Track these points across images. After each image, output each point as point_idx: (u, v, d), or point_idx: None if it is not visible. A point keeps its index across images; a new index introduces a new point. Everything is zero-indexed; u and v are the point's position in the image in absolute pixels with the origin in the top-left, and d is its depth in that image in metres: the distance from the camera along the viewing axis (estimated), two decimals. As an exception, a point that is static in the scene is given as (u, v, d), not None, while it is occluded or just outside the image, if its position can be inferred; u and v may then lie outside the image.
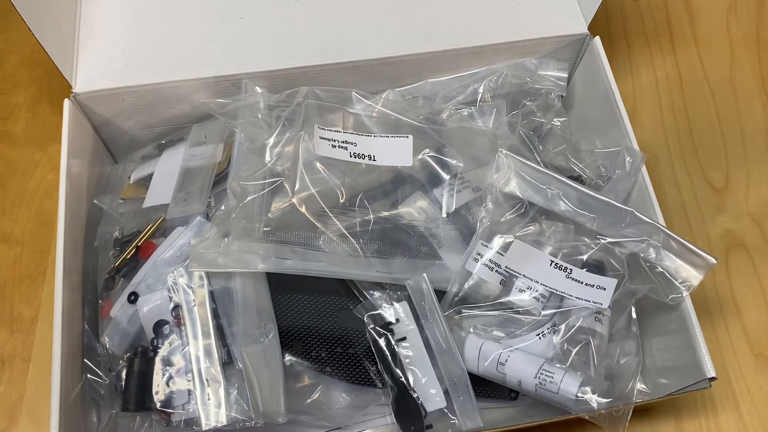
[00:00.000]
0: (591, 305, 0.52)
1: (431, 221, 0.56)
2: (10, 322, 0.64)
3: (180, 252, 0.55)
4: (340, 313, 0.55)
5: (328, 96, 0.60)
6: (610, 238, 0.53)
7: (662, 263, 0.53)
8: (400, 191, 0.58)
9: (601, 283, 0.53)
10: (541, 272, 0.53)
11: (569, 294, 0.53)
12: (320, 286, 0.54)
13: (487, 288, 0.54)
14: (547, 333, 0.52)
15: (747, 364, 0.62)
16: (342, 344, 0.54)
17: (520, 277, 0.53)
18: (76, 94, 0.60)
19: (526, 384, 0.51)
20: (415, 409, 0.52)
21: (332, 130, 0.57)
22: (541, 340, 0.52)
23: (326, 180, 0.55)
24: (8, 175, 0.71)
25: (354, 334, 0.54)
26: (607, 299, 0.52)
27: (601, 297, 0.52)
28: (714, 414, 0.60)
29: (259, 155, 0.56)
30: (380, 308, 0.53)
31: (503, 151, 0.55)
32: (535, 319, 0.53)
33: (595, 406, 0.50)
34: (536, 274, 0.53)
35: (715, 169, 0.72)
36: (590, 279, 0.53)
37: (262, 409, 0.49)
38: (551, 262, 0.53)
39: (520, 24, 0.64)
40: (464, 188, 0.58)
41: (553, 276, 0.53)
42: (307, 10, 0.65)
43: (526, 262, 0.53)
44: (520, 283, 0.53)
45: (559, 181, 0.54)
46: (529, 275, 0.53)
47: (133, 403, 0.50)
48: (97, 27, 0.64)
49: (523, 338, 0.52)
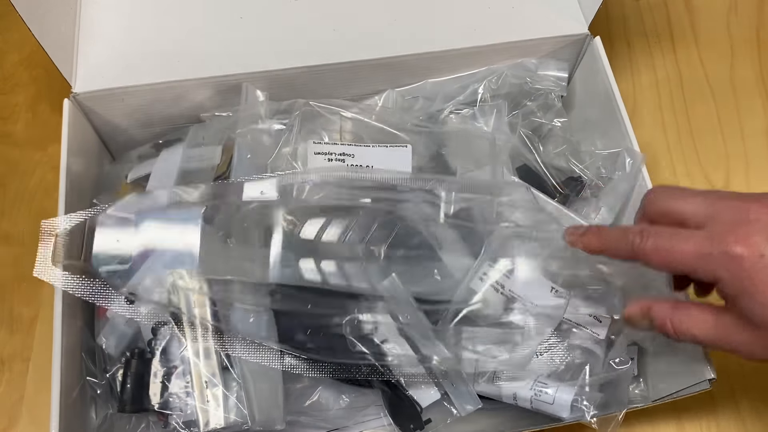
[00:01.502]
0: (588, 333, 0.53)
1: (431, 223, 0.56)
2: (10, 322, 0.64)
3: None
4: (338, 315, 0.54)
5: (324, 110, 0.59)
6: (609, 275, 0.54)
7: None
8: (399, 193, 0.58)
9: (598, 313, 0.53)
10: (541, 298, 0.53)
11: (567, 319, 0.54)
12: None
13: (491, 308, 0.54)
14: (544, 352, 0.53)
15: (747, 364, 0.62)
16: (340, 347, 0.54)
17: (520, 300, 0.54)
18: (75, 94, 0.60)
19: (522, 397, 0.52)
20: (411, 408, 0.52)
21: (328, 143, 0.57)
22: (538, 359, 0.53)
23: (323, 186, 0.55)
24: (8, 175, 0.71)
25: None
26: (603, 331, 0.53)
27: (598, 329, 0.53)
28: (714, 415, 0.60)
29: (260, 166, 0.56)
30: (357, 314, 0.53)
31: (513, 177, 0.56)
32: (533, 339, 0.53)
33: (588, 416, 0.50)
34: (536, 299, 0.53)
35: (715, 169, 0.72)
36: (588, 309, 0.53)
37: (258, 417, 0.49)
38: (552, 288, 0.54)
39: (520, 24, 0.64)
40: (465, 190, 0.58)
41: (552, 303, 0.53)
42: (307, 10, 0.65)
43: (528, 287, 0.54)
44: (520, 305, 0.54)
45: (565, 215, 0.56)
46: (530, 299, 0.53)
47: (130, 404, 0.50)
48: (97, 27, 0.63)
49: (520, 356, 0.52)
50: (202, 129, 0.62)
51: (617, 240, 0.43)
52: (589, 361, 0.52)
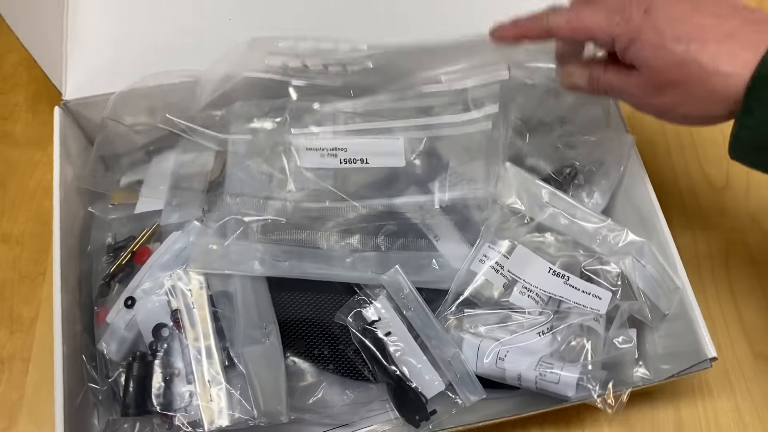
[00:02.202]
0: (588, 311, 0.53)
1: (427, 214, 0.56)
2: (10, 322, 0.64)
3: (177, 256, 0.55)
4: (341, 310, 0.54)
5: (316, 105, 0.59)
6: (604, 254, 0.55)
7: (645, 284, 0.55)
8: (394, 186, 0.58)
9: (597, 292, 0.54)
10: (540, 278, 0.54)
11: (567, 299, 0.54)
12: (321, 283, 0.54)
13: (492, 290, 0.55)
14: (546, 332, 0.53)
15: (747, 364, 0.62)
16: (344, 342, 0.54)
17: (520, 281, 0.54)
18: (66, 101, 0.60)
19: (526, 377, 0.52)
20: (416, 399, 0.52)
21: (320, 138, 0.57)
22: (541, 338, 0.53)
23: (317, 181, 0.55)
24: (8, 175, 0.70)
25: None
26: (604, 307, 0.54)
27: (598, 305, 0.54)
28: (714, 415, 0.60)
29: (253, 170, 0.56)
30: (360, 307, 0.53)
31: (509, 164, 0.57)
32: (534, 319, 0.53)
33: (594, 394, 0.50)
34: (535, 279, 0.54)
35: (715, 169, 0.71)
36: (587, 287, 0.54)
37: (264, 408, 0.49)
38: (549, 269, 0.54)
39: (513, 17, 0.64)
40: (458, 181, 0.58)
41: (551, 282, 0.54)
42: (296, 11, 0.65)
43: (527, 268, 0.55)
44: (520, 286, 0.54)
45: (561, 200, 0.56)
46: (528, 280, 0.54)
47: (134, 408, 0.50)
48: (85, 34, 0.63)
49: (523, 337, 0.53)
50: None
51: (532, 22, 0.49)
52: (590, 338, 0.52)
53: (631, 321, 0.56)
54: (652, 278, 0.55)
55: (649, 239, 0.56)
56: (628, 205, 0.60)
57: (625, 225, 0.57)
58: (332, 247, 0.54)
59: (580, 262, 0.55)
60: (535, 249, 0.55)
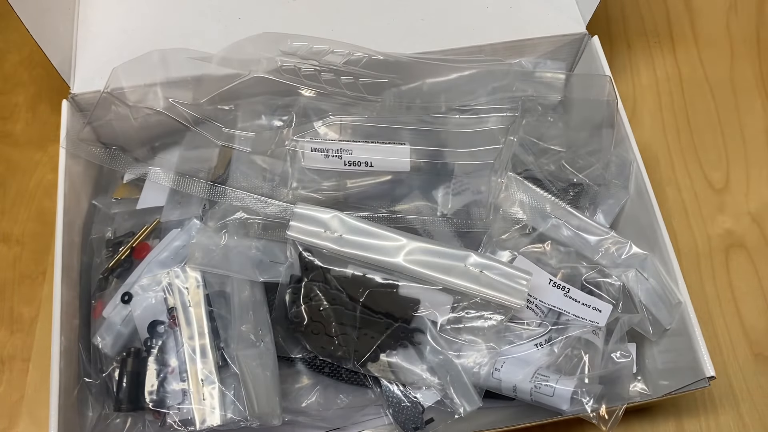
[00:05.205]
0: (587, 323, 0.53)
1: (428, 221, 0.56)
2: (10, 322, 0.64)
3: (175, 254, 0.55)
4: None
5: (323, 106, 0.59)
6: (607, 266, 0.55)
7: (647, 297, 0.54)
8: (397, 191, 0.58)
9: (597, 304, 0.54)
10: (540, 289, 0.54)
11: (566, 311, 0.54)
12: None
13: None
14: (544, 343, 0.53)
15: (747, 364, 0.62)
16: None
17: None
18: (74, 95, 0.60)
19: (522, 388, 0.51)
20: (413, 407, 0.52)
21: (325, 139, 0.57)
22: (538, 350, 0.53)
23: (320, 181, 0.55)
24: (8, 175, 0.71)
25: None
26: (604, 320, 0.53)
27: (598, 317, 0.53)
28: (714, 414, 0.60)
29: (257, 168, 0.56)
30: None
31: (512, 174, 0.56)
32: (533, 330, 0.53)
33: (588, 408, 0.50)
34: (535, 290, 0.54)
35: (715, 169, 0.71)
36: (587, 300, 0.54)
37: (257, 410, 0.49)
38: (550, 280, 0.54)
39: (518, 23, 0.64)
40: (463, 190, 0.58)
41: (551, 294, 0.54)
42: (305, 10, 0.65)
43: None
44: None
45: (563, 210, 0.56)
46: (529, 291, 0.53)
47: (126, 403, 0.50)
48: (95, 28, 0.64)
49: (520, 347, 0.53)
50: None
51: None
52: (588, 352, 0.52)
53: (631, 335, 0.55)
54: (654, 292, 0.55)
55: (651, 253, 0.55)
56: (630, 218, 0.59)
57: (627, 238, 0.56)
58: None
59: (582, 274, 0.55)
60: (536, 260, 0.55)
